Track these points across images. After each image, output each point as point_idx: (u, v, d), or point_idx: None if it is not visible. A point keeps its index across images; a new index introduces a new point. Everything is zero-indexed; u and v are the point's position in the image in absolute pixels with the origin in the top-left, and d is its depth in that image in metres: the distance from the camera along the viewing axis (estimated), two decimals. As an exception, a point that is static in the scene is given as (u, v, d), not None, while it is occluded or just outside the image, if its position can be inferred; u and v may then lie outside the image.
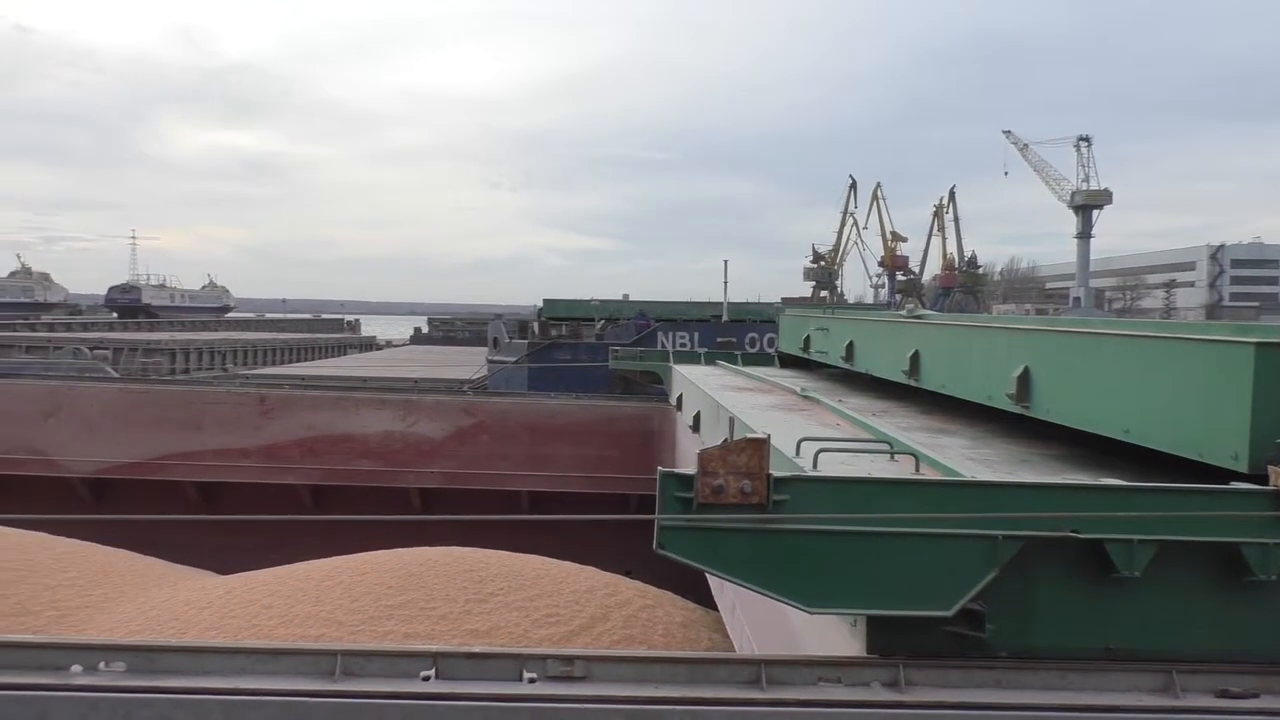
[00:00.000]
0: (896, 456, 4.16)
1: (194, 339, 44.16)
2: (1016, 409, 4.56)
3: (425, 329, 71.03)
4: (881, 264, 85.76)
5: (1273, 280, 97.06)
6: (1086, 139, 77.07)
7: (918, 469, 3.87)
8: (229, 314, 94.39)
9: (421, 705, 2.67)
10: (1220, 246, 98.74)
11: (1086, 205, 76.79)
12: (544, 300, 30.97)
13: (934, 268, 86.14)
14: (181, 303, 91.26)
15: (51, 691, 2.66)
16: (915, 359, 6.12)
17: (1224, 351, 3.18)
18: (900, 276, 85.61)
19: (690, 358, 12.31)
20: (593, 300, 31.23)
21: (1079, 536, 2.84)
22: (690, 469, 2.83)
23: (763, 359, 11.89)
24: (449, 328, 69.19)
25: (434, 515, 11.03)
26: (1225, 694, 2.81)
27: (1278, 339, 3.15)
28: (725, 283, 30.13)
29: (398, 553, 7.35)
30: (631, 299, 32.43)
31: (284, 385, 12.89)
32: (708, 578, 6.04)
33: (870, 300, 77.78)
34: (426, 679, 2.77)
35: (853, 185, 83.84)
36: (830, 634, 3.42)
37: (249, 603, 6.71)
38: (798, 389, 7.44)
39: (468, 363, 27.10)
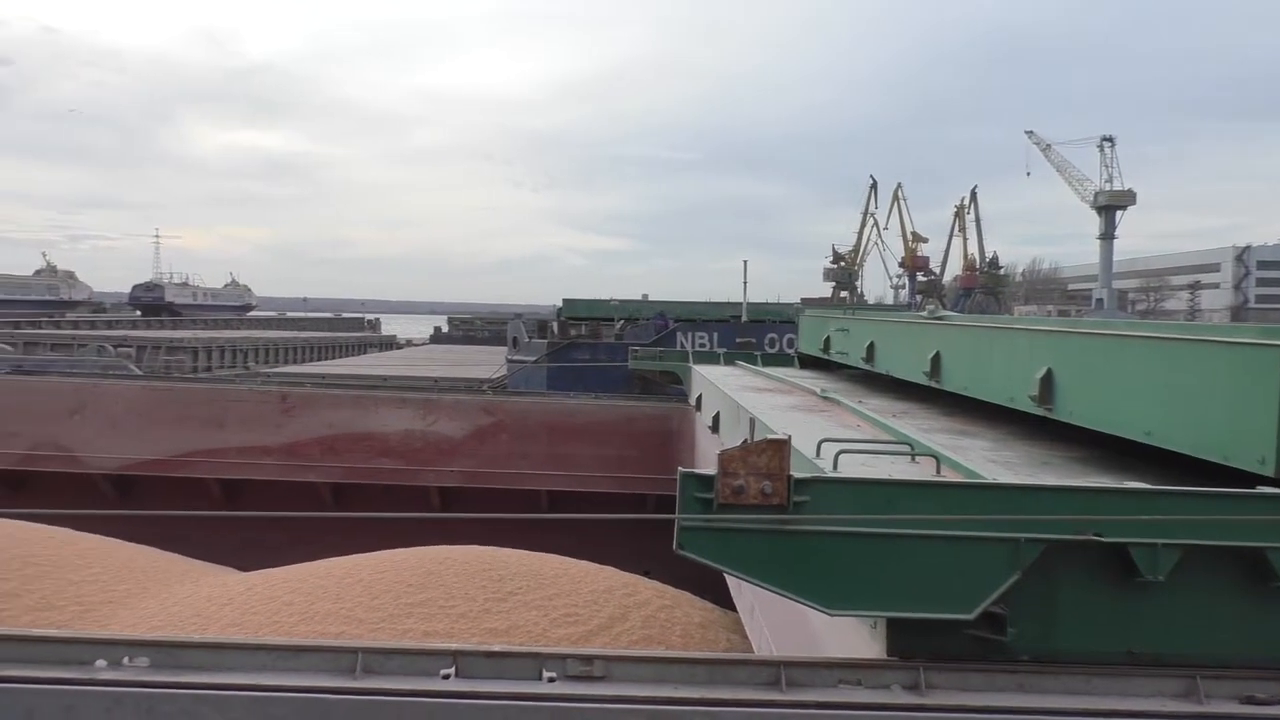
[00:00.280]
0: (917, 458, 4.14)
1: (216, 337, 44.47)
2: (1039, 411, 4.54)
3: (445, 328, 71.32)
4: (902, 265, 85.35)
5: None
6: (1110, 139, 76.44)
7: (939, 471, 3.85)
8: (251, 312, 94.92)
9: (441, 703, 2.68)
10: (1246, 248, 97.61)
11: (1110, 206, 76.09)
12: (563, 300, 31.07)
13: (955, 268, 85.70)
14: (204, 301, 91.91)
15: (77, 686, 2.69)
16: (936, 360, 6.10)
17: (1251, 354, 3.15)
18: (921, 277, 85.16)
19: (709, 358, 12.29)
20: (612, 300, 31.29)
21: (1102, 540, 2.82)
22: (710, 469, 2.83)
23: (782, 359, 11.86)
24: (469, 327, 69.45)
25: (453, 514, 11.08)
26: (1250, 700, 2.78)
27: (1306, 342, 3.11)
28: (745, 283, 30.15)
29: (417, 551, 7.38)
30: (651, 299, 32.47)
31: (305, 384, 12.98)
32: (726, 578, 6.03)
33: (890, 301, 77.46)
34: (446, 677, 2.78)
35: (873, 185, 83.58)
36: (850, 636, 3.41)
37: (270, 599, 6.76)
38: (817, 390, 7.42)
39: (487, 362, 27.18)
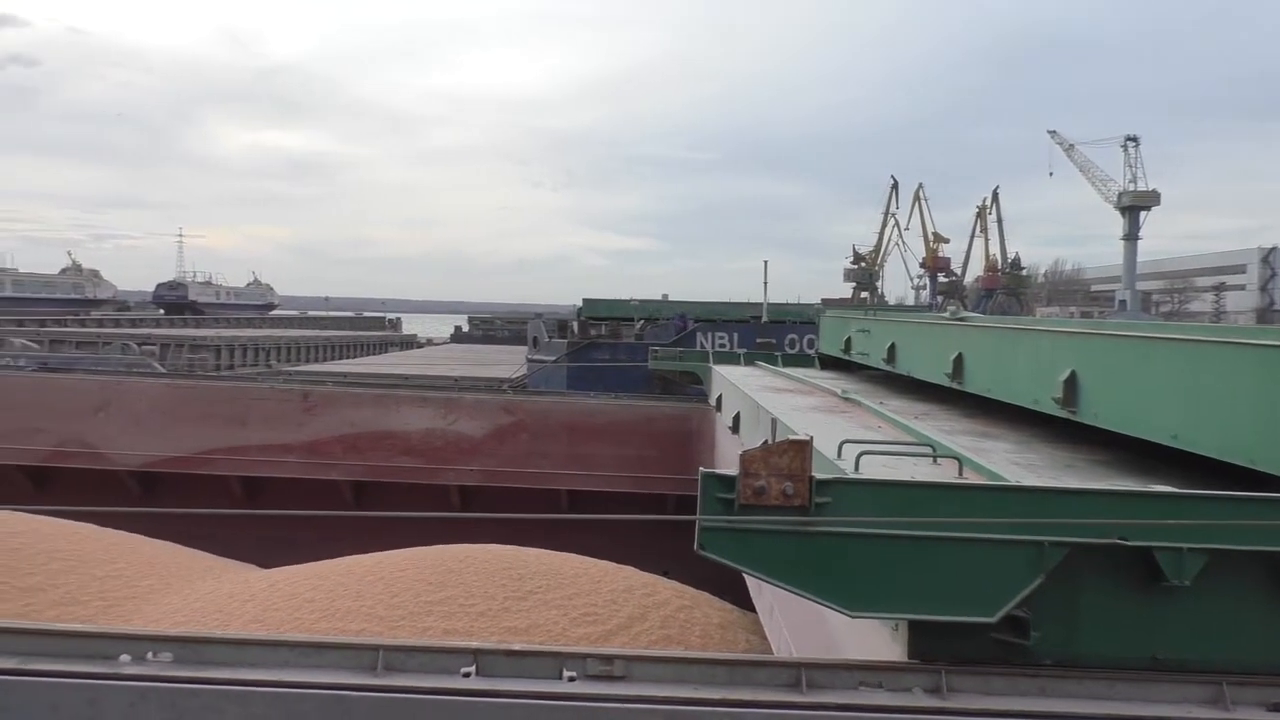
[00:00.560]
0: (939, 460, 4.11)
1: (239, 336, 44.78)
2: (1062, 413, 4.50)
3: (465, 328, 71.57)
4: (923, 265, 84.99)
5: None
6: (1134, 139, 75.69)
7: (961, 473, 3.82)
8: (273, 311, 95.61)
9: (462, 701, 2.69)
10: (1272, 249, 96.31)
11: (1134, 206, 75.34)
12: (583, 300, 31.11)
13: (976, 269, 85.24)
14: (227, 300, 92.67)
15: (102, 680, 2.72)
16: (959, 361, 6.06)
17: (1279, 357, 3.12)
18: (942, 278, 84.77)
19: (730, 358, 12.28)
20: (632, 300, 31.32)
21: (1127, 544, 2.79)
22: (731, 470, 2.82)
23: (803, 360, 11.84)
24: (489, 326, 69.66)
25: (473, 513, 11.11)
26: (1277, 708, 2.74)
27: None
28: (765, 283, 30.09)
29: (437, 549, 7.41)
30: (670, 299, 32.46)
31: (327, 382, 13.06)
32: (746, 579, 6.02)
33: (911, 302, 77.07)
34: (467, 675, 2.78)
35: (894, 186, 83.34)
36: (870, 638, 3.40)
37: (291, 596, 6.80)
38: (838, 391, 7.40)
39: (507, 361, 27.24)
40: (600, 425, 11.54)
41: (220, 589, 7.38)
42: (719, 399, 9.89)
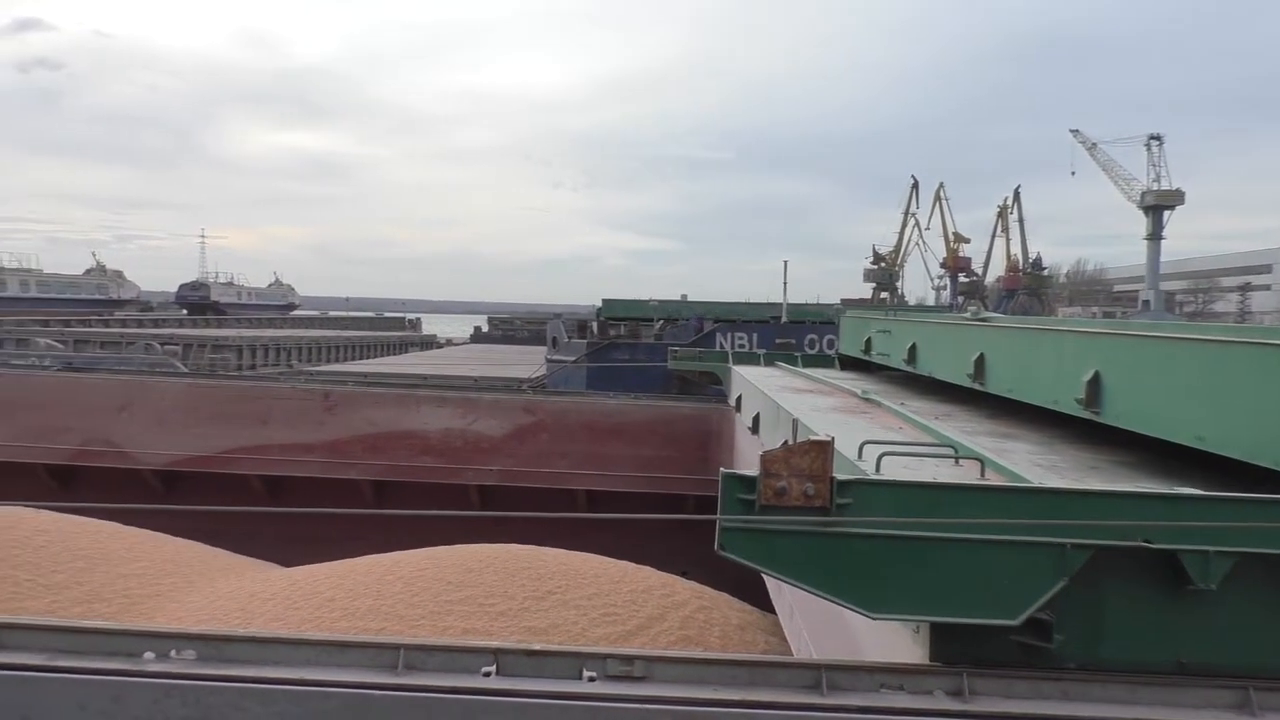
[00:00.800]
0: (961, 461, 4.09)
1: (260, 336, 45.03)
2: (1085, 414, 4.46)
3: (485, 328, 71.70)
4: (944, 265, 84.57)
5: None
6: (1158, 137, 74.96)
7: (983, 474, 3.80)
8: (294, 311, 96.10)
9: (482, 701, 2.69)
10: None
11: (1157, 206, 74.62)
12: (603, 300, 31.14)
13: (997, 269, 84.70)
14: (248, 300, 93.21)
15: (126, 677, 2.74)
16: (980, 362, 6.02)
17: (1307, 358, 3.08)
18: (963, 278, 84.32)
19: (749, 359, 12.26)
20: (651, 300, 31.33)
21: (1152, 547, 2.77)
22: (752, 470, 2.82)
23: (822, 360, 11.80)
24: (508, 327, 69.76)
25: (492, 512, 11.14)
26: (1306, 712, 2.71)
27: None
28: (785, 283, 29.99)
29: (457, 549, 7.43)
30: (690, 299, 32.43)
31: (347, 382, 13.13)
32: (765, 580, 6.01)
33: (931, 302, 76.66)
34: (487, 675, 2.79)
35: (915, 185, 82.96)
36: (891, 640, 3.38)
37: (312, 595, 6.84)
38: (858, 391, 7.37)
39: (527, 361, 27.29)
40: (619, 425, 11.54)
41: (242, 587, 7.43)
42: (738, 399, 9.87)
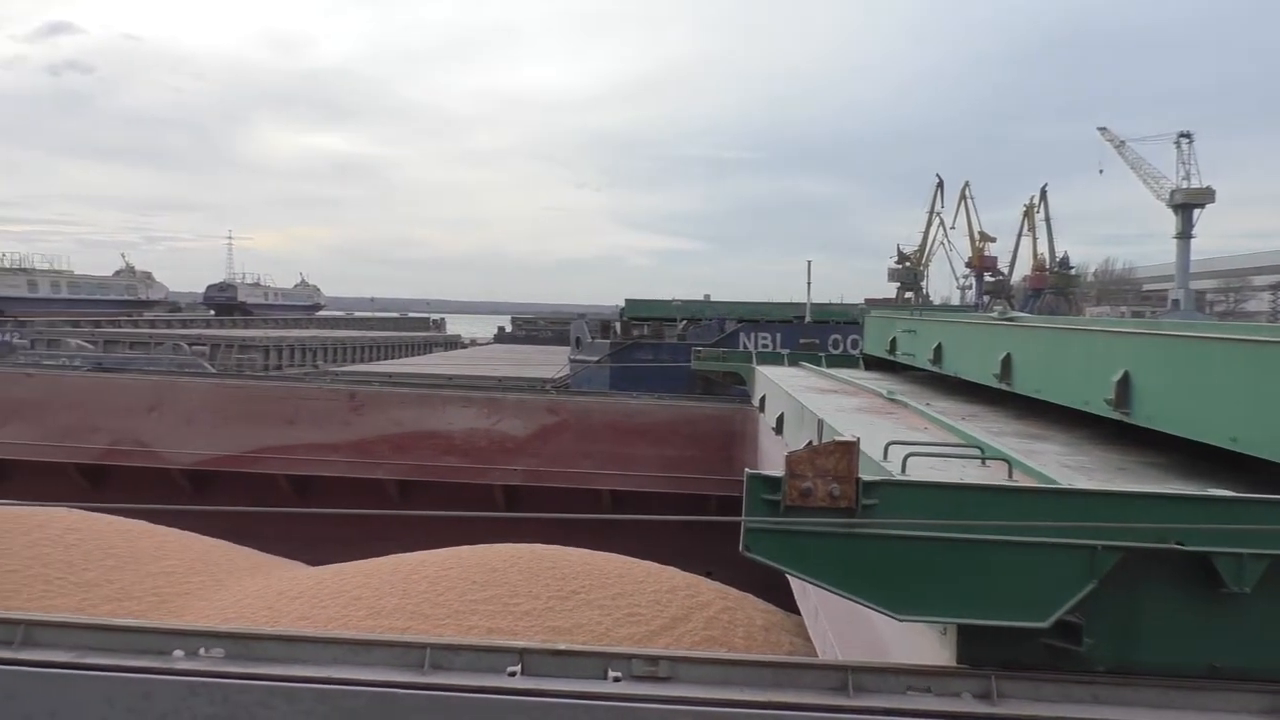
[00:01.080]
0: (988, 462, 4.06)
1: (286, 336, 45.39)
2: (1115, 415, 4.41)
3: (509, 328, 71.91)
4: (969, 265, 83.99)
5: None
6: (1187, 135, 74.15)
7: (1011, 475, 3.76)
8: (319, 312, 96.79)
9: (508, 700, 2.70)
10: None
11: (1187, 204, 73.80)
12: (626, 300, 31.15)
13: (1024, 269, 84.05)
14: (275, 301, 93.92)
15: (155, 674, 2.77)
16: (1007, 362, 5.97)
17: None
18: (989, 277, 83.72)
19: (773, 359, 12.22)
20: (675, 301, 31.29)
21: (1184, 549, 2.73)
22: (777, 471, 2.81)
23: (846, 361, 11.74)
24: (532, 327, 69.95)
25: (517, 513, 11.16)
26: (1342, 718, 2.67)
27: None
28: (809, 283, 29.86)
29: (481, 549, 7.45)
30: (713, 299, 32.39)
31: (373, 382, 13.21)
32: (790, 581, 5.99)
33: (956, 301, 76.18)
34: (513, 674, 2.79)
35: (939, 184, 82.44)
36: (917, 642, 3.36)
37: (338, 593, 6.88)
38: (883, 391, 7.32)
39: (551, 362, 27.33)
40: (643, 425, 11.53)
41: (269, 586, 7.49)
42: (762, 399, 9.84)
